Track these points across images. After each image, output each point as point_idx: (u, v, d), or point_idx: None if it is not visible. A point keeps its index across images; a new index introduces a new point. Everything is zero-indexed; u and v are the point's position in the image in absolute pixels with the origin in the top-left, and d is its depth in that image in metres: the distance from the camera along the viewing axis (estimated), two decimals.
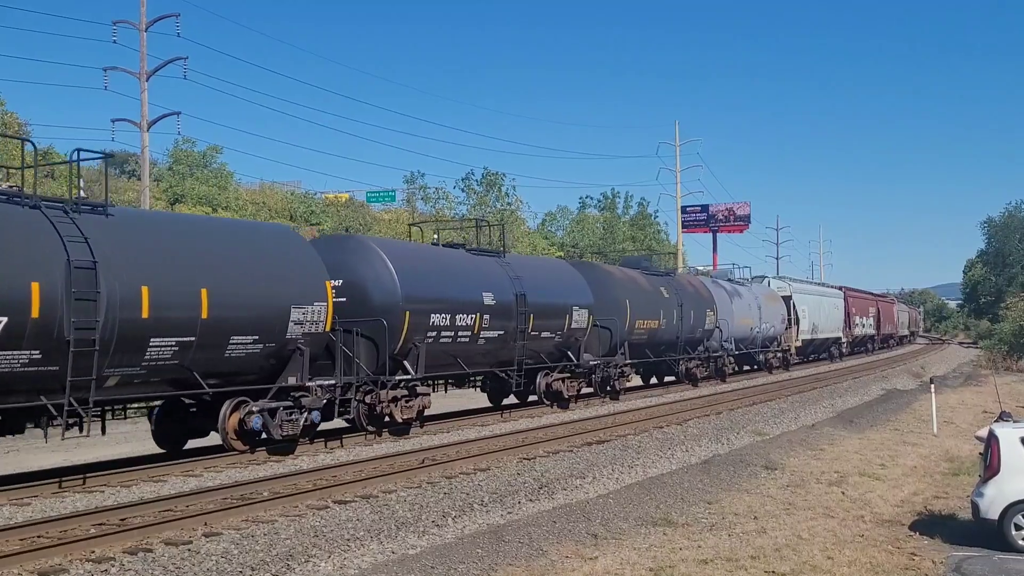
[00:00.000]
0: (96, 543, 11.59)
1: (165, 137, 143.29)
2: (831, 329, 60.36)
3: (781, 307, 49.56)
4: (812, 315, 55.27)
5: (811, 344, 57.09)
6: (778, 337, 48.83)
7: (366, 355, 20.92)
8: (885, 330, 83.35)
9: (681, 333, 36.27)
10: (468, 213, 62.56)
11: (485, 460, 18.37)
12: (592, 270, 32.21)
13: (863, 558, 11.85)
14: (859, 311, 70.30)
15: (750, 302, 45.11)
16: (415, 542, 12.58)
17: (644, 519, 14.03)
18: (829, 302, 60.84)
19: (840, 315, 63.19)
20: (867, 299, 77.02)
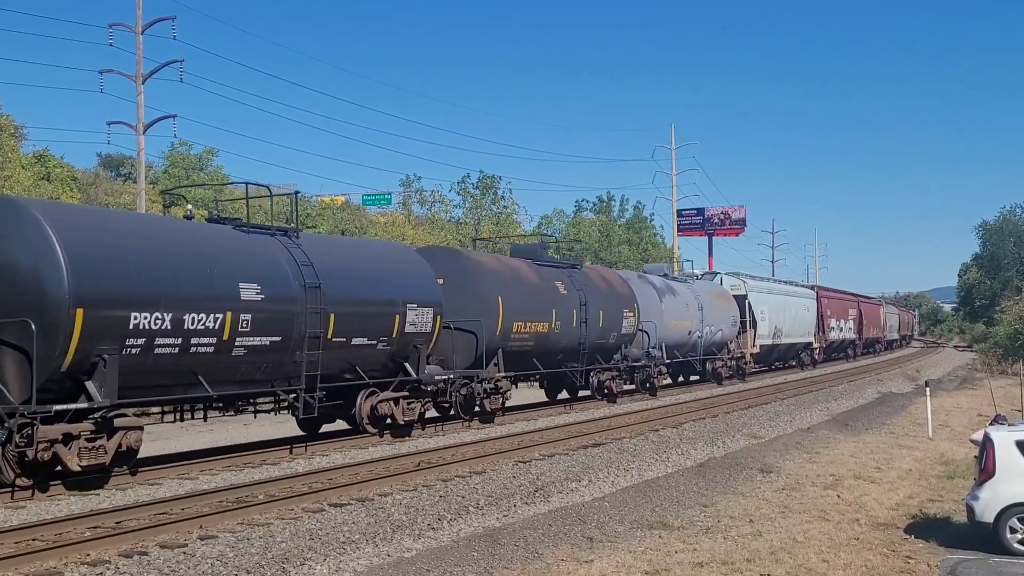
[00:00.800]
0: (91, 546, 11.57)
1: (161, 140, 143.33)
2: (799, 333, 54.03)
3: (732, 308, 43.21)
4: (774, 317, 48.88)
5: (774, 350, 51.17)
6: (728, 342, 42.92)
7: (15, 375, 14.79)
8: (869, 334, 77.26)
9: (585, 338, 29.30)
10: (464, 216, 62.56)
11: (481, 463, 18.37)
12: (449, 258, 25.77)
13: (858, 561, 11.86)
14: (836, 313, 64.38)
15: (688, 301, 38.38)
16: (410, 545, 12.57)
17: (639, 522, 14.03)
18: (797, 303, 54.11)
19: (811, 317, 56.82)
20: (846, 300, 71.04)
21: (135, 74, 36.94)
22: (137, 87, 36.86)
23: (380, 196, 68.65)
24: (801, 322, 54.09)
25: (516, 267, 27.71)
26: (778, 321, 49.40)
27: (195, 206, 25.02)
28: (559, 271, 29.52)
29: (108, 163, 74.20)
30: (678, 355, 37.39)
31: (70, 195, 39.84)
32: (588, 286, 30.05)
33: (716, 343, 41.43)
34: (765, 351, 49.05)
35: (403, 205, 67.62)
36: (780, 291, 52.84)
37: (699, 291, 40.19)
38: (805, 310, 55.09)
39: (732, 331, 42.82)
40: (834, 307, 63.99)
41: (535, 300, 26.92)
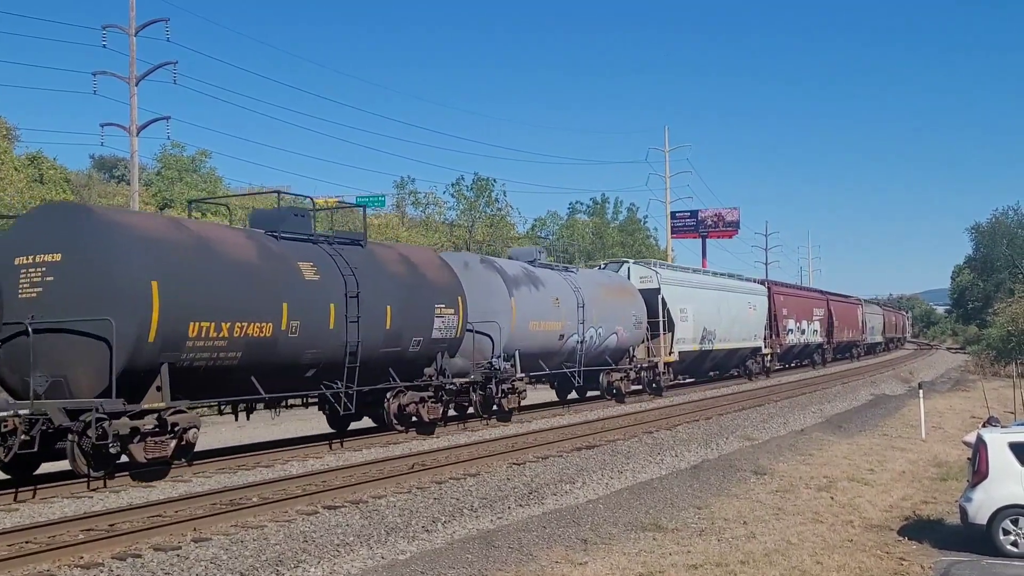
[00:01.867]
0: (84, 549, 11.55)
1: (154, 142, 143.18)
2: (742, 336, 45.07)
3: (635, 305, 33.66)
4: (703, 317, 39.65)
5: (706, 357, 42.01)
6: (632, 349, 33.73)
7: None
8: (842, 337, 68.57)
9: (359, 346, 20.27)
10: (458, 218, 62.54)
11: (475, 465, 18.36)
12: (66, 220, 16.80)
13: (852, 563, 11.88)
14: (795, 313, 55.07)
15: (561, 296, 28.91)
16: (405, 547, 12.57)
17: (633, 524, 14.04)
18: (739, 301, 45.06)
19: (759, 318, 47.74)
20: (810, 298, 62.25)
21: (128, 76, 36.87)
22: (130, 89, 36.80)
23: (374, 198, 68.65)
24: (745, 324, 45.37)
25: (209, 236, 18.23)
26: (709, 322, 40.40)
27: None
28: (313, 247, 20.45)
29: (101, 165, 74.13)
30: (544, 366, 28.45)
31: (63, 197, 39.77)
32: (369, 270, 21.13)
33: (611, 350, 32.07)
34: (689, 359, 39.83)
35: (397, 207, 67.61)
36: (711, 285, 43.13)
37: (581, 283, 30.72)
38: (751, 309, 46.50)
39: (635, 335, 33.51)
40: (793, 306, 55.13)
41: (241, 289, 17.76)
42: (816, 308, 61.06)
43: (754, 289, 49.24)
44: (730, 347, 43.82)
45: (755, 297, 48.13)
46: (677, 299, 37.51)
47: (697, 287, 40.86)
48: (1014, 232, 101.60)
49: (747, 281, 50.05)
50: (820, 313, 61.40)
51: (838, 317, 66.57)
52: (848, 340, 71.48)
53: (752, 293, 48.14)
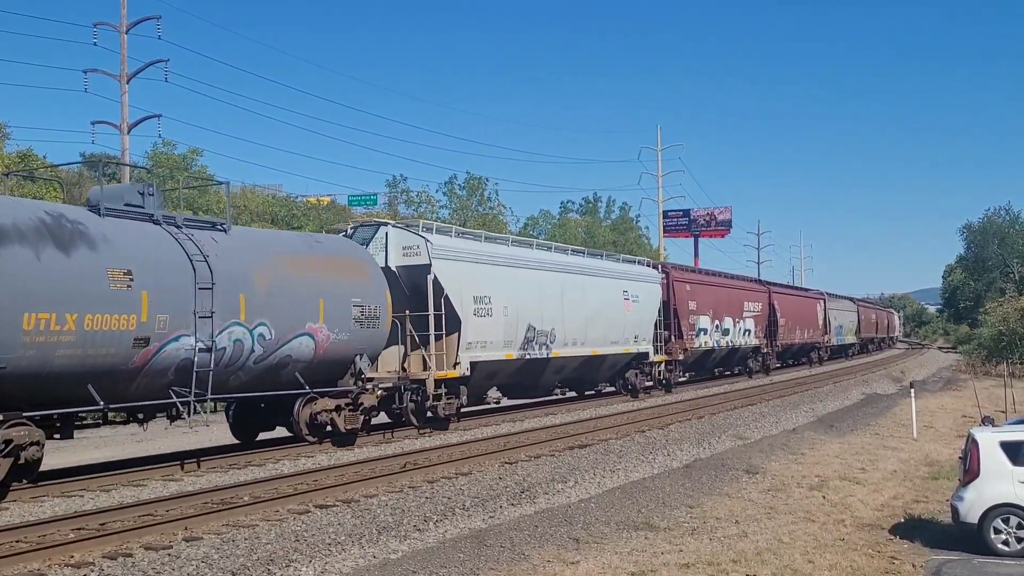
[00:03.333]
0: (75, 548, 11.52)
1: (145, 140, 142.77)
2: (612, 338, 31.96)
3: (373, 290, 21.55)
4: (522, 311, 26.91)
5: (538, 369, 28.65)
6: (357, 360, 21.05)
7: None
8: (793, 338, 56.38)
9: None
10: (450, 217, 62.53)
11: (467, 464, 18.35)
12: None
13: (843, 562, 11.89)
14: (712, 307, 42.24)
15: (150, 264, 16.54)
16: (397, 547, 12.54)
17: (626, 523, 14.04)
18: (602, 288, 31.77)
19: (645, 313, 34.47)
20: (738, 288, 48.08)
21: (120, 73, 36.82)
22: (122, 87, 36.74)
23: (366, 197, 68.65)
24: (616, 321, 32.28)
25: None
26: (539, 317, 27.59)
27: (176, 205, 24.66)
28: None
29: (91, 162, 73.82)
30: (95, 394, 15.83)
31: (53, 195, 39.62)
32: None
33: (304, 364, 19.80)
34: (502, 374, 27.33)
35: (389, 206, 67.60)
36: (540, 264, 28.90)
37: (224, 248, 18.33)
38: (628, 302, 33.20)
39: (365, 337, 21.10)
40: (707, 298, 41.95)
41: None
42: (749, 302, 48.00)
43: (635, 273, 35.25)
44: (587, 354, 30.56)
45: (637, 285, 34.42)
46: (468, 282, 24.61)
47: (510, 265, 26.91)
48: (1005, 232, 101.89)
49: (625, 264, 35.86)
50: (756, 308, 48.72)
51: (785, 314, 54.12)
52: (803, 342, 59.53)
53: (630, 279, 34.29)
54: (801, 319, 58.85)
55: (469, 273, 24.85)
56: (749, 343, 48.04)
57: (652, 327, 35.36)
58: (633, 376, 34.57)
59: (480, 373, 25.69)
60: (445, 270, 23.71)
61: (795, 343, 57.98)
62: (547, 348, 28.08)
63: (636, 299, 34.00)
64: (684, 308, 39.53)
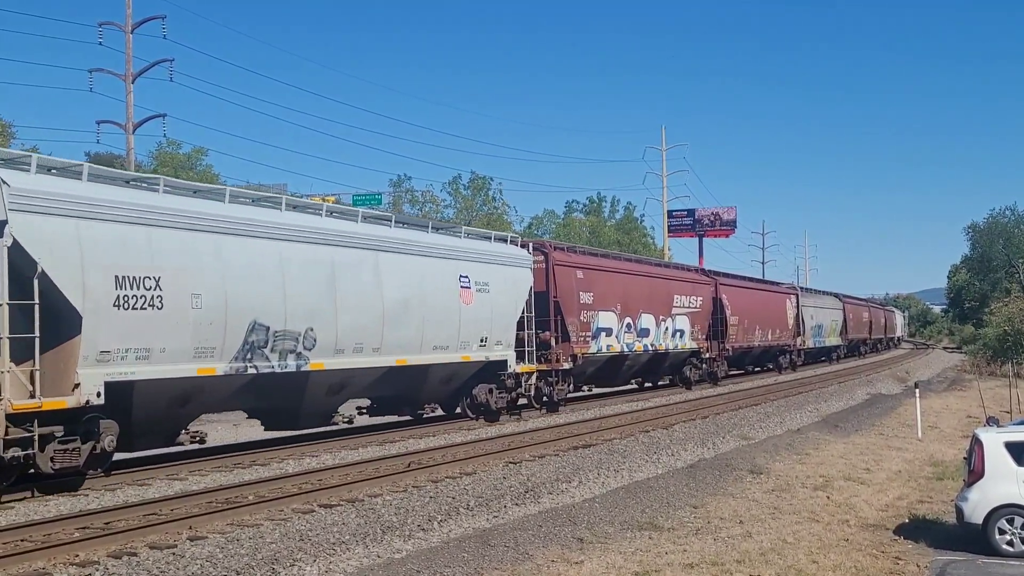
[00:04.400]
0: (80, 547, 11.53)
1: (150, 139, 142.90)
2: (434, 342, 23.47)
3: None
4: (248, 296, 18.07)
5: (319, 387, 20.48)
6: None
7: None
8: (752, 340, 47.63)
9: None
10: (455, 216, 62.57)
11: (471, 464, 18.36)
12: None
13: (848, 562, 11.89)
14: (617, 300, 32.70)
15: None
16: (401, 546, 12.55)
17: (630, 523, 14.04)
18: (427, 269, 23.36)
19: (496, 308, 25.70)
20: (670, 278, 39.34)
21: (125, 73, 36.89)
22: (127, 86, 36.81)
23: (370, 196, 68.71)
24: (446, 318, 23.86)
25: None
26: (278, 310, 18.83)
27: None
28: None
29: (97, 162, 74.02)
30: None
31: None
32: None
33: None
34: (174, 396, 17.36)
35: (393, 205, 67.67)
36: (295, 234, 19.57)
37: None
38: (472, 290, 24.87)
39: None
40: (610, 288, 32.42)
41: None
42: (683, 296, 39.15)
43: (484, 253, 25.97)
44: (387, 364, 21.83)
45: (489, 269, 25.67)
46: (106, 253, 15.59)
47: (216, 231, 17.76)
48: (1010, 232, 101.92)
49: (471, 239, 26.32)
50: (693, 304, 40.01)
51: (739, 311, 45.44)
52: (766, 345, 50.58)
53: (476, 259, 25.34)
54: (762, 317, 49.32)
55: (109, 239, 15.63)
56: (684, 346, 38.80)
57: (514, 326, 26.51)
58: (485, 394, 25.58)
59: (146, 400, 16.67)
60: (45, 232, 14.67)
61: (754, 346, 48.54)
62: (300, 357, 19.22)
63: (484, 288, 25.05)
64: (572, 301, 29.71)
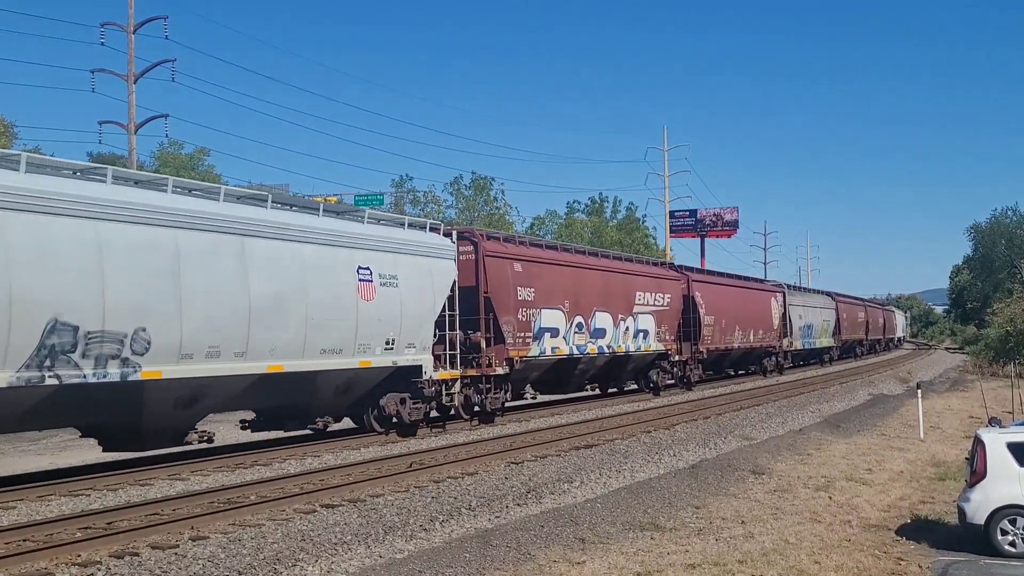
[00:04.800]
0: (82, 547, 11.55)
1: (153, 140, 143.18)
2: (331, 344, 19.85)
3: None
4: (41, 288, 14.40)
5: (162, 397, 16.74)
6: None
7: None
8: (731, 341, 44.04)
9: None
10: (457, 217, 62.57)
11: (473, 464, 18.36)
12: None
13: (850, 563, 11.88)
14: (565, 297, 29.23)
15: None
16: (403, 546, 12.55)
17: (631, 523, 14.03)
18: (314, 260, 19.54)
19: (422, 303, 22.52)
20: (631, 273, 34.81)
21: (127, 73, 36.91)
22: (129, 86, 36.83)
23: (372, 197, 68.72)
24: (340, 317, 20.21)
25: None
26: (86, 306, 15.05)
27: None
28: None
29: (99, 162, 74.05)
30: None
31: None
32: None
33: None
34: None
35: (395, 205, 67.67)
36: (115, 212, 15.73)
37: None
38: (375, 284, 21.02)
39: None
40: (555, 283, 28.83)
41: None
42: (647, 292, 35.10)
43: (391, 241, 21.96)
44: (257, 371, 18.30)
45: (398, 260, 21.84)
46: None
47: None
48: (1013, 232, 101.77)
49: (374, 225, 22.05)
50: (660, 301, 36.03)
51: (714, 309, 41.81)
52: (748, 346, 46.98)
53: (382, 248, 21.52)
54: (743, 317, 45.69)
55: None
56: (648, 348, 35.13)
57: (431, 326, 22.89)
58: (395, 404, 21.98)
59: None
60: None
61: (733, 348, 45.00)
62: (126, 364, 15.78)
63: (391, 281, 21.38)
64: (507, 298, 26.31)
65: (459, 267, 24.58)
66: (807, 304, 59.95)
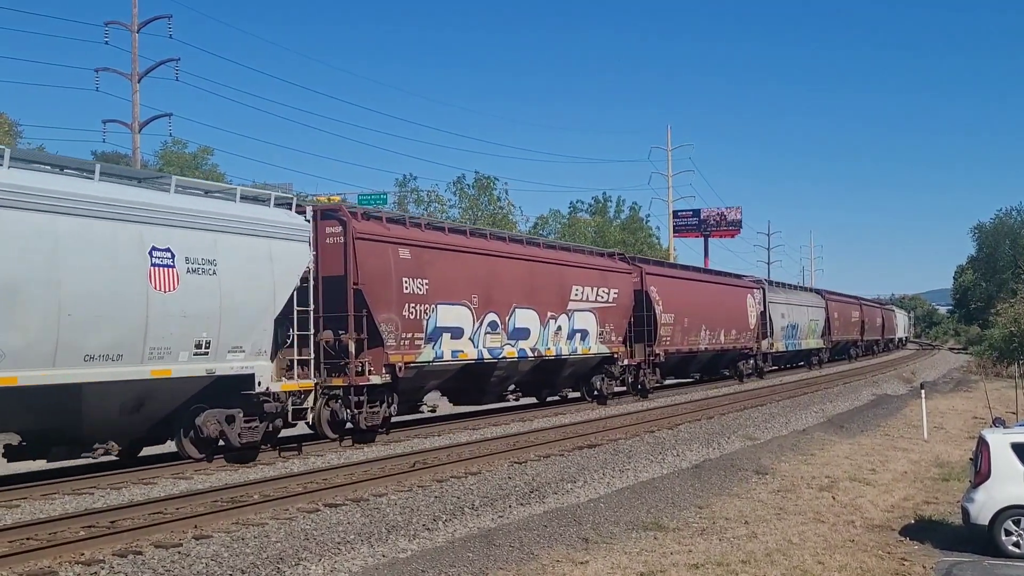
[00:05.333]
0: (86, 545, 11.56)
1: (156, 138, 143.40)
2: (100, 347, 15.27)
3: None
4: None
5: None
6: None
7: None
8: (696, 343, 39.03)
9: None
10: (460, 216, 62.57)
11: (476, 464, 18.36)
12: None
13: (853, 563, 11.86)
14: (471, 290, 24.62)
15: None
16: (406, 546, 12.56)
17: (635, 523, 14.03)
18: (76, 239, 14.96)
19: (258, 295, 18.18)
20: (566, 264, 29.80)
21: (131, 72, 36.95)
22: (133, 85, 36.88)
23: (375, 196, 68.74)
24: (117, 313, 15.59)
25: None
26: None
27: None
28: None
29: (103, 161, 74.12)
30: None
31: None
32: None
33: None
34: None
35: (398, 205, 67.69)
36: None
37: None
38: (176, 269, 16.59)
39: None
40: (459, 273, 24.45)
41: None
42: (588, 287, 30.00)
43: (209, 216, 17.60)
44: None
45: (219, 240, 17.67)
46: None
47: None
48: (1017, 232, 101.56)
49: (183, 195, 17.65)
50: (604, 297, 30.82)
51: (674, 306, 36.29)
52: (718, 348, 42.01)
53: (171, 222, 16.77)
54: (711, 316, 40.62)
55: None
56: (587, 351, 29.88)
57: (269, 325, 18.56)
58: (216, 424, 17.94)
59: None
60: None
61: (700, 350, 39.57)
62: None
63: (206, 267, 17.22)
64: (387, 290, 21.93)
65: (325, 252, 20.75)
66: (791, 302, 55.13)
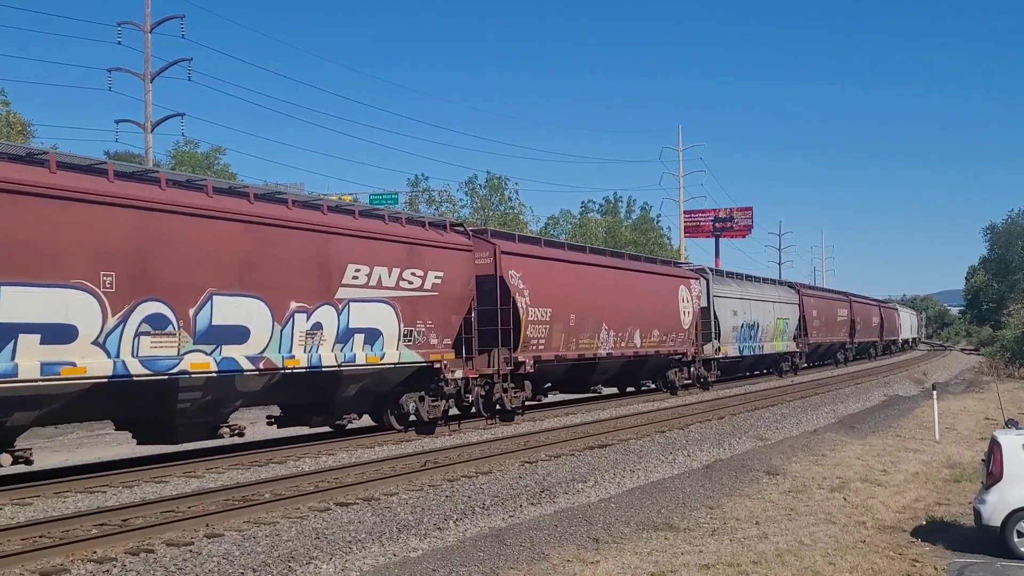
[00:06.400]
0: (98, 543, 11.61)
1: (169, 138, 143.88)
2: None
3: None
4: None
5: None
6: None
7: None
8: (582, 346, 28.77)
9: None
10: (471, 216, 62.59)
11: (487, 463, 18.38)
12: None
13: (865, 564, 11.84)
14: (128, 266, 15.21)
15: None
16: (416, 545, 12.58)
17: (645, 523, 14.02)
18: None
19: None
20: (358, 233, 20.06)
21: (143, 72, 37.08)
22: (145, 85, 37.01)
23: (387, 196, 68.82)
24: None
25: None
26: None
27: None
28: None
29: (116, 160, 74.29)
30: None
31: None
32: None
33: None
34: None
35: (409, 205, 67.73)
36: None
37: None
38: None
39: None
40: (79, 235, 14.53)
41: None
42: (374, 265, 20.62)
43: None
44: None
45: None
46: None
47: None
48: None
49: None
50: (414, 281, 22.03)
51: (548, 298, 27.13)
52: (630, 354, 32.54)
53: None
54: (620, 312, 31.48)
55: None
56: (376, 360, 20.75)
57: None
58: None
59: None
60: None
61: (598, 356, 30.39)
62: None
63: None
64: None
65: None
66: (747, 296, 45.15)
